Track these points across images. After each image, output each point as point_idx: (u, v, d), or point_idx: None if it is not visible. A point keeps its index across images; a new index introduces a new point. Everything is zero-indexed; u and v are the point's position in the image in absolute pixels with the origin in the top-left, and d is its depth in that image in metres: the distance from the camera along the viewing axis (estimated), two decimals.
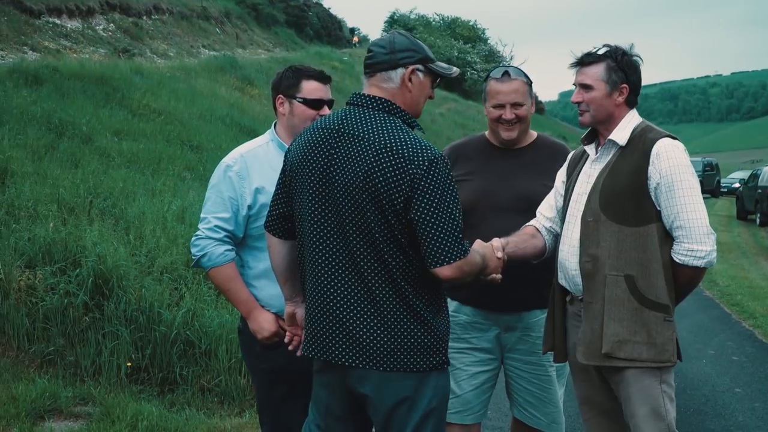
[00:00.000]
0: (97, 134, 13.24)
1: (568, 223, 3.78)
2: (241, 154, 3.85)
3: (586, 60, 3.68)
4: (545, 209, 4.02)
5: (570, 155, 4.07)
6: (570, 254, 3.72)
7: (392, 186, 2.97)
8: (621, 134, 3.66)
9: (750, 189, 28.32)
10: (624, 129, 3.67)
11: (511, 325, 4.20)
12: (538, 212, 4.04)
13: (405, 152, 2.98)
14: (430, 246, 2.96)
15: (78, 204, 9.01)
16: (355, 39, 63.17)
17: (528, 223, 4.02)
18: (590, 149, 3.82)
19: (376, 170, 2.99)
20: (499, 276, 3.59)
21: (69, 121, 13.14)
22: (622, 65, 3.64)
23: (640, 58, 3.71)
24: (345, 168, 3.06)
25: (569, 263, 3.73)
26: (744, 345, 9.33)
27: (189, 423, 5.91)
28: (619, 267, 3.55)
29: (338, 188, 3.07)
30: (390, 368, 3.05)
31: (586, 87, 3.67)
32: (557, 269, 3.86)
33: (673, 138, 3.63)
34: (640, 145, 3.60)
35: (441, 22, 72.37)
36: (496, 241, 3.68)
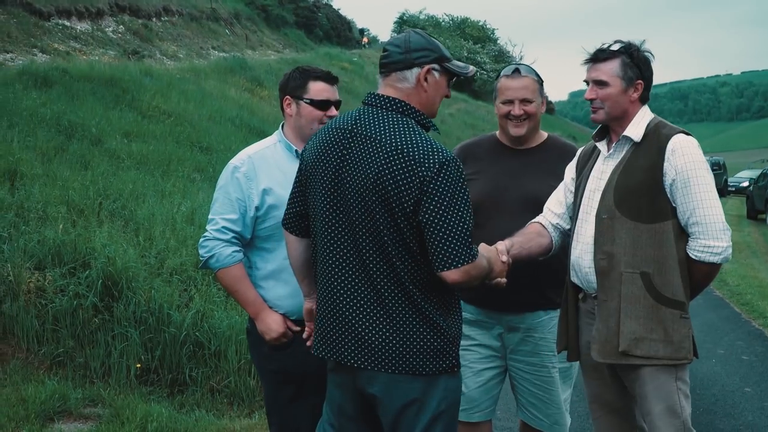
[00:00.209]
0: (107, 136, 13.25)
1: (581, 221, 3.75)
2: (249, 156, 3.84)
3: (600, 56, 3.64)
4: (553, 205, 3.99)
5: (579, 151, 4.04)
6: (584, 251, 3.69)
7: (402, 189, 2.94)
8: (636, 130, 3.62)
9: (760, 188, 28.25)
10: (638, 125, 3.63)
11: (514, 326, 4.18)
12: (546, 207, 4.00)
13: (415, 155, 2.94)
14: (438, 249, 2.93)
15: (87, 206, 9.01)
16: (365, 40, 63.25)
17: (534, 220, 3.98)
18: (602, 146, 3.78)
19: (386, 173, 2.96)
20: (504, 280, 3.55)
21: (78, 123, 13.15)
22: (637, 61, 3.60)
23: (652, 54, 3.67)
24: (356, 169, 3.04)
25: (583, 261, 3.69)
26: (754, 344, 9.28)
27: (198, 424, 5.90)
28: (635, 264, 3.52)
29: (349, 189, 3.05)
30: (398, 370, 3.02)
31: (601, 83, 3.62)
32: (569, 267, 3.83)
33: (687, 134, 3.60)
34: (655, 141, 3.57)
35: (450, 23, 72.45)
36: (501, 245, 3.64)
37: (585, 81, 3.71)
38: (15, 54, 19.83)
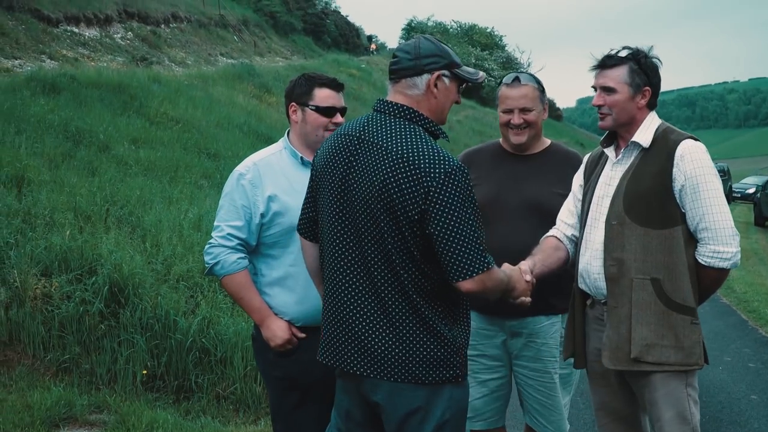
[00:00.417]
0: (115, 142, 13.26)
1: (590, 227, 3.73)
2: (254, 162, 3.84)
3: (608, 62, 3.62)
4: (565, 216, 3.97)
5: (586, 158, 4.03)
6: (593, 258, 3.68)
7: (407, 198, 2.92)
8: (644, 136, 3.61)
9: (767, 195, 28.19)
10: (647, 131, 3.62)
11: (516, 331, 4.18)
12: (559, 219, 3.98)
13: (421, 163, 2.92)
14: (451, 260, 2.90)
15: (95, 212, 9.02)
16: (373, 46, 63.27)
17: (548, 234, 3.96)
18: (610, 152, 3.77)
19: (392, 181, 2.94)
20: (529, 299, 3.51)
21: (86, 130, 13.17)
22: (645, 67, 3.59)
23: (659, 60, 3.66)
24: (362, 177, 3.02)
25: (592, 267, 3.68)
26: (760, 352, 9.25)
27: (204, 431, 5.90)
28: (646, 270, 3.52)
29: (355, 197, 3.04)
30: (401, 379, 3.00)
31: (609, 90, 3.61)
32: (576, 273, 3.81)
33: (695, 139, 3.59)
34: (663, 147, 3.56)
35: (458, 29, 72.41)
36: (524, 264, 3.62)
37: (593, 87, 3.70)
38: (23, 60, 19.89)
